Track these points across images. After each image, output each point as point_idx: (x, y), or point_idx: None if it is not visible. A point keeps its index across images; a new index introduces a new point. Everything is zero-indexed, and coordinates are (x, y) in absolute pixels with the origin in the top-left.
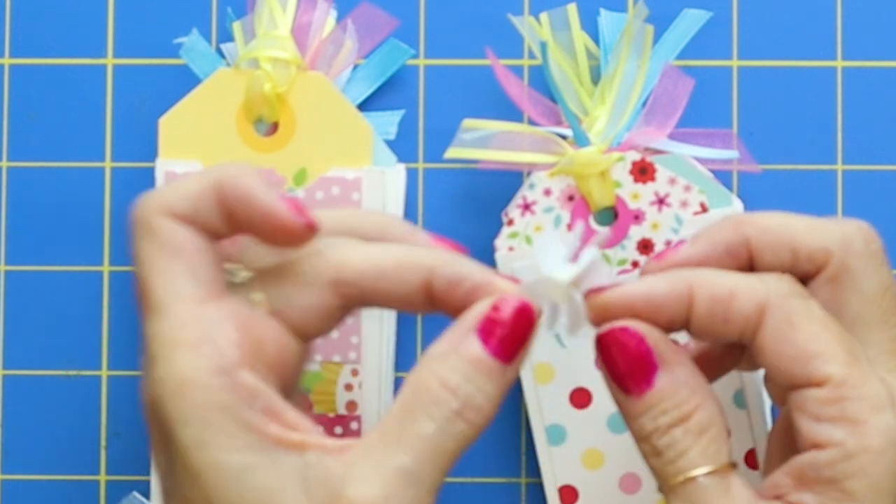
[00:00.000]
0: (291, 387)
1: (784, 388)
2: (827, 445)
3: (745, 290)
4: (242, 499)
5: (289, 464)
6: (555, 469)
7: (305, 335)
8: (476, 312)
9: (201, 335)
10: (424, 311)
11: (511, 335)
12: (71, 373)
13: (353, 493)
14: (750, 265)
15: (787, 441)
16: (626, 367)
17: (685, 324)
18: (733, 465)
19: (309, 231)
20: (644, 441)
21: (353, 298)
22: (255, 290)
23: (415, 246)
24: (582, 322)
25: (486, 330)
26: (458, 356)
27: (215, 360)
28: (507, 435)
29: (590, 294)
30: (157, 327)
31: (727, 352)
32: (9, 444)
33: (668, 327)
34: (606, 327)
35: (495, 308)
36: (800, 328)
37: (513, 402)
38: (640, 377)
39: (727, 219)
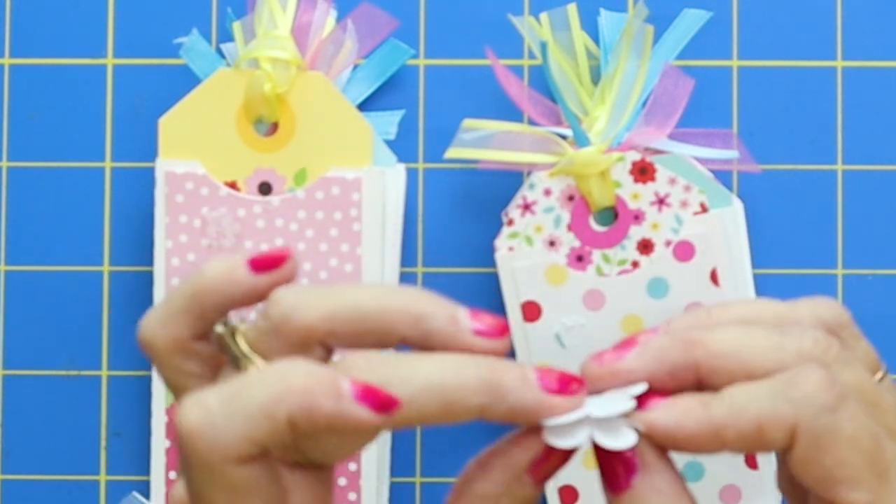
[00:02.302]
0: None
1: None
2: None
3: (773, 420)
4: None
5: None
6: None
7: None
8: (527, 457)
9: None
10: None
11: (558, 468)
12: (71, 373)
13: None
14: (697, 386)
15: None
16: (611, 463)
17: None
18: None
19: (391, 416)
20: None
21: None
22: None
23: (462, 374)
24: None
25: (537, 473)
26: (513, 498)
27: None
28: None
29: (593, 359)
30: None
31: None
32: (9, 444)
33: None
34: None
35: (548, 454)
36: (827, 452)
37: None
38: (622, 476)
39: (678, 336)
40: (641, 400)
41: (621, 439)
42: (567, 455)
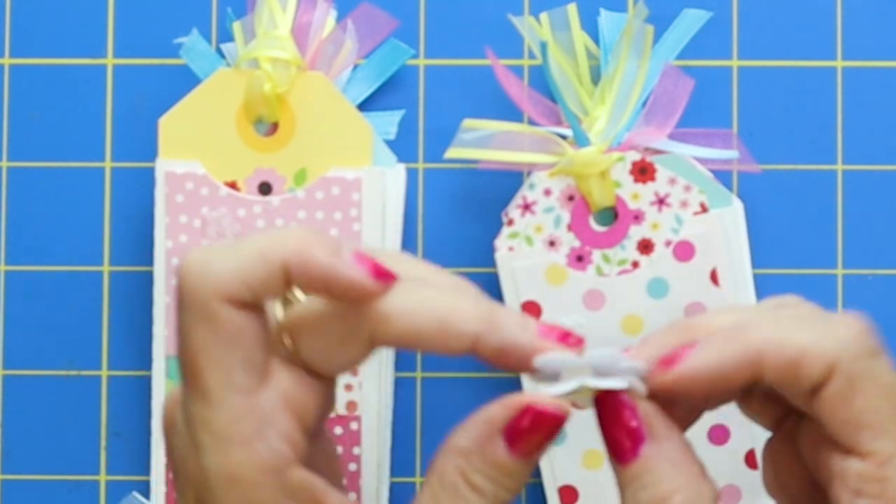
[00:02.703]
0: (320, 424)
1: (830, 451)
2: None
3: (815, 351)
4: None
5: None
6: (555, 469)
7: (331, 377)
8: (504, 415)
9: (254, 431)
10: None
11: (539, 441)
12: (71, 373)
13: None
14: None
15: (782, 463)
16: (617, 434)
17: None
18: None
19: (387, 287)
20: None
21: (390, 347)
22: (286, 339)
23: (459, 302)
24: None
25: (513, 436)
26: (483, 458)
27: (267, 459)
28: None
29: (659, 367)
30: (209, 416)
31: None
32: (9, 444)
33: (731, 395)
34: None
35: (524, 415)
36: (860, 395)
37: None
38: (629, 446)
39: (732, 330)
40: (668, 360)
41: (616, 383)
42: (544, 423)
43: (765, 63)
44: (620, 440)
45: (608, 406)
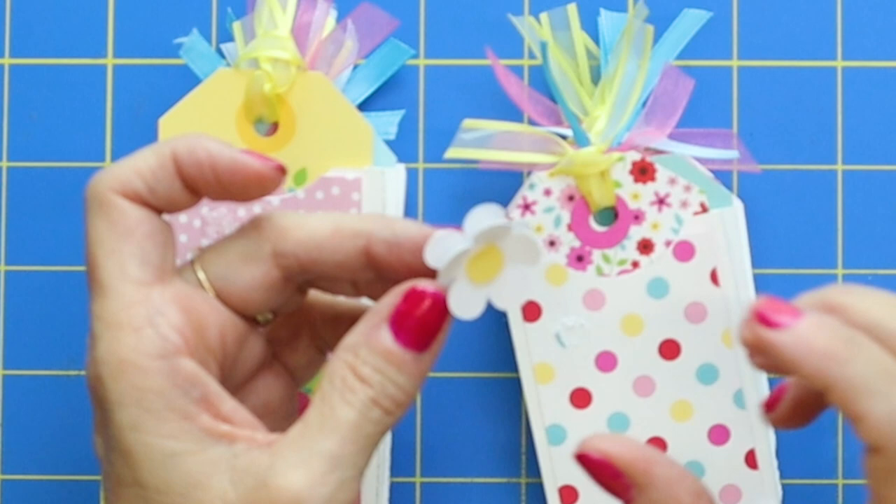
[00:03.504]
0: (238, 367)
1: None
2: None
3: (870, 425)
4: (169, 483)
5: (217, 453)
6: (555, 469)
7: (250, 312)
8: (388, 303)
9: (144, 318)
10: (368, 281)
11: (423, 326)
12: (71, 373)
13: (280, 482)
14: None
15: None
16: (604, 487)
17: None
18: None
19: (279, 173)
20: None
21: (293, 270)
22: (197, 269)
23: (354, 215)
24: (533, 252)
25: (398, 322)
26: (370, 349)
27: (156, 345)
28: (507, 435)
29: (756, 322)
30: (101, 307)
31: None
32: (9, 444)
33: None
34: (578, 450)
35: (407, 299)
36: (893, 487)
37: (513, 402)
38: (620, 495)
39: (818, 297)
40: (766, 319)
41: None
42: (423, 303)
43: (765, 63)
44: (611, 491)
45: (585, 465)
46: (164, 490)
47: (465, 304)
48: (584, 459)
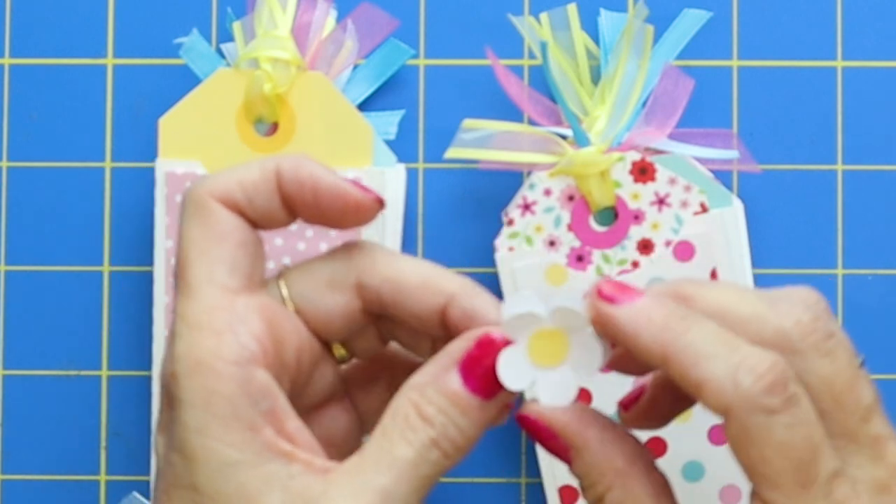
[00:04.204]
0: (309, 391)
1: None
2: None
3: (712, 388)
4: (223, 492)
5: (273, 470)
6: (555, 469)
7: (328, 337)
8: (459, 347)
9: (226, 324)
10: (439, 337)
11: (492, 375)
12: (71, 373)
13: None
14: None
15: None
16: (546, 448)
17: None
18: None
19: (378, 205)
20: None
21: (374, 305)
22: (282, 285)
23: (443, 269)
24: (593, 363)
25: (467, 366)
26: (436, 389)
27: (234, 350)
28: (507, 435)
29: (599, 296)
30: (186, 307)
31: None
32: (9, 444)
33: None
34: (519, 412)
35: (479, 345)
36: (752, 447)
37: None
38: (561, 456)
39: (671, 290)
40: (609, 296)
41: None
42: (494, 350)
43: (765, 63)
44: (553, 451)
45: (524, 426)
46: (216, 498)
47: (512, 372)
48: (523, 420)
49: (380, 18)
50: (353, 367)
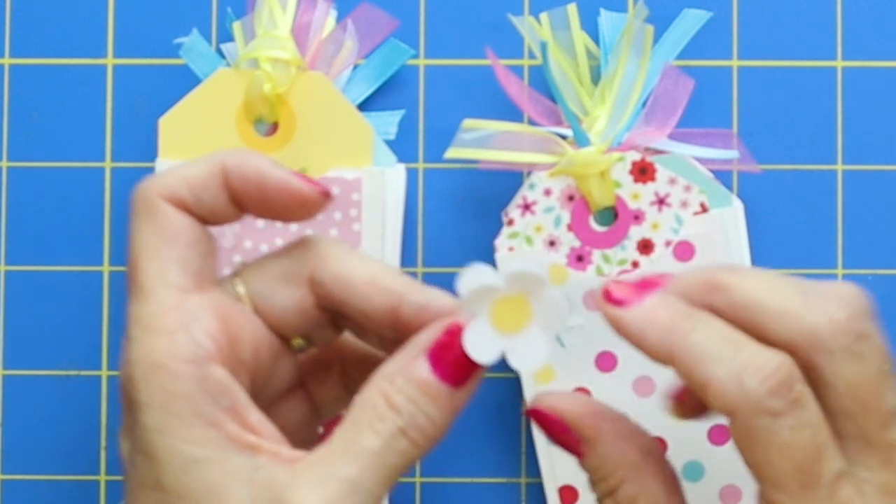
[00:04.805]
0: (269, 385)
1: None
2: None
3: (717, 390)
4: (189, 489)
5: (239, 464)
6: (555, 469)
7: (285, 332)
8: (429, 335)
9: (180, 323)
10: (392, 340)
11: (461, 361)
12: (71, 373)
13: (294, 500)
14: None
15: None
16: (557, 442)
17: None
18: None
19: (324, 198)
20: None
21: (326, 301)
22: (238, 283)
23: (393, 269)
24: (559, 320)
25: (437, 354)
26: (405, 378)
27: (189, 350)
28: (507, 435)
29: (604, 301)
30: (139, 310)
31: None
32: (9, 444)
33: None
34: (530, 405)
35: (448, 333)
36: (757, 449)
37: (513, 403)
38: (572, 450)
39: (705, 278)
40: (618, 300)
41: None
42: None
43: (765, 63)
44: (564, 446)
45: (537, 420)
46: (183, 495)
47: (480, 345)
48: (535, 414)
49: (380, 18)
50: (308, 357)
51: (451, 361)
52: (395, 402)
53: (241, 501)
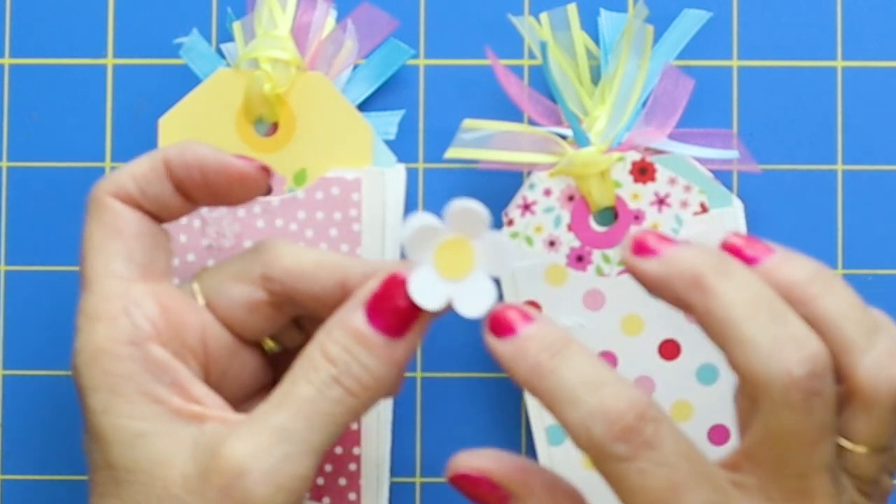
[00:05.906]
0: (233, 380)
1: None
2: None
3: (572, 435)
4: (136, 461)
5: (185, 433)
6: (555, 469)
7: (239, 329)
8: (367, 288)
9: (121, 309)
10: None
11: (398, 311)
12: (71, 373)
13: (226, 451)
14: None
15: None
16: (483, 502)
17: None
18: None
19: (263, 173)
20: None
21: (280, 296)
22: (194, 282)
23: (340, 253)
24: (504, 263)
25: (374, 305)
26: (341, 328)
27: (128, 332)
28: (507, 435)
29: (628, 250)
30: (85, 301)
31: None
32: (9, 444)
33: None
34: (451, 472)
35: (385, 284)
36: (616, 490)
37: (513, 402)
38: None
39: (695, 267)
40: (646, 248)
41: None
42: (399, 288)
43: (765, 63)
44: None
45: (462, 488)
46: (132, 469)
47: (425, 291)
48: (461, 480)
49: (380, 18)
50: (284, 356)
51: (388, 311)
52: (330, 352)
53: (185, 464)
